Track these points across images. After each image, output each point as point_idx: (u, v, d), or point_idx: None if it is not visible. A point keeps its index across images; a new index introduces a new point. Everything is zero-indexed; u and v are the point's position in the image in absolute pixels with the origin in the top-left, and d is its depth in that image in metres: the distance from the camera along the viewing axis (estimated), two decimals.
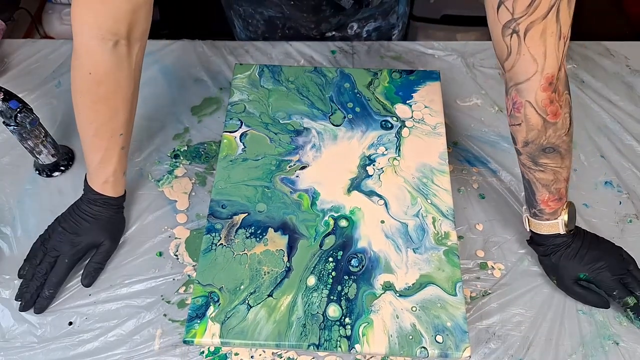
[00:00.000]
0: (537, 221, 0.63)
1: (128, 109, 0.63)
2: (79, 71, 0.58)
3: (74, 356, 0.60)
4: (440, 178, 0.67)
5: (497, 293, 0.65)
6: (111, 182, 0.65)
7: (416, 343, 0.55)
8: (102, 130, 0.61)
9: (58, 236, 0.64)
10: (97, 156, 0.63)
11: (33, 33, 1.64)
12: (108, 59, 0.58)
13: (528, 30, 0.50)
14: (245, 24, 0.91)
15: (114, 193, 0.66)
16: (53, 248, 0.64)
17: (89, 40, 0.56)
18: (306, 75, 0.76)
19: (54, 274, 0.63)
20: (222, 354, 0.60)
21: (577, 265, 0.62)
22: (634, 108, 0.83)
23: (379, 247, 0.61)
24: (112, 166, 0.64)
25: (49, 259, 0.63)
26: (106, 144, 0.62)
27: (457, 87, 0.85)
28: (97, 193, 0.65)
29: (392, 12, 0.91)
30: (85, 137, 0.63)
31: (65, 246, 0.64)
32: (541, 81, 0.53)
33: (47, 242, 0.65)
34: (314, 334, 0.56)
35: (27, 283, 0.63)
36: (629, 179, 0.75)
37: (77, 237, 0.64)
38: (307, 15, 0.85)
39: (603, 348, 0.61)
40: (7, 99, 0.64)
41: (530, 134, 0.57)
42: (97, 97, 0.59)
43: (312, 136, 0.70)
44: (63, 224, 0.65)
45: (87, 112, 0.61)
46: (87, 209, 0.65)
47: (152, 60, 0.86)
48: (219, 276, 0.59)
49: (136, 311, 0.63)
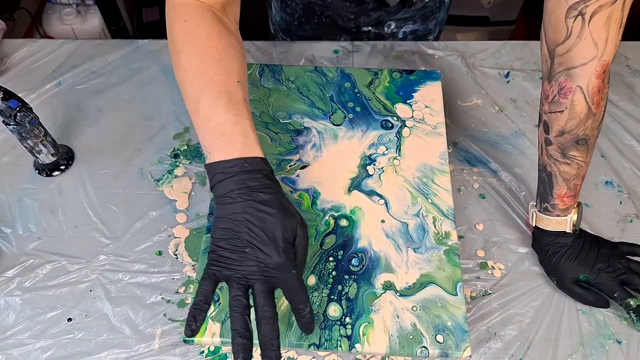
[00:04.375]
0: (547, 216, 0.63)
1: (233, 55, 0.52)
2: (176, 23, 0.53)
3: (73, 354, 0.60)
4: (441, 178, 0.67)
5: (498, 293, 0.65)
6: (252, 138, 0.50)
7: (417, 343, 0.55)
8: (217, 77, 0.50)
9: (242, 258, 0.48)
10: (221, 112, 0.49)
11: (33, 33, 1.64)
12: (201, 11, 0.53)
13: (595, 14, 0.50)
14: (283, 5, 0.90)
15: (261, 152, 0.50)
16: (245, 277, 0.48)
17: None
18: (307, 74, 0.76)
19: (264, 310, 0.47)
20: (222, 354, 0.60)
21: (577, 267, 0.62)
22: (634, 108, 0.83)
23: (380, 247, 0.61)
24: (246, 120, 0.50)
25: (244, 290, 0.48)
26: (225, 90, 0.50)
27: (457, 87, 0.85)
28: (250, 159, 0.48)
29: (432, 17, 0.91)
30: (201, 94, 0.50)
31: (254, 268, 0.48)
32: (597, 67, 0.53)
33: (228, 272, 0.48)
34: (315, 333, 0.56)
35: (244, 335, 0.47)
36: (630, 178, 0.75)
37: (268, 246, 0.47)
38: (350, 4, 0.84)
39: (603, 347, 0.61)
40: (7, 98, 0.64)
41: (570, 122, 0.57)
42: (198, 40, 0.52)
43: (313, 136, 0.70)
44: (233, 247, 0.48)
45: (193, 61, 0.51)
46: (256, 197, 0.48)
47: (152, 60, 0.86)
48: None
49: (136, 310, 0.63)
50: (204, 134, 0.50)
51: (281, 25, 0.94)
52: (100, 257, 0.67)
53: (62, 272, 0.66)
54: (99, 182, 0.73)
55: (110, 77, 0.84)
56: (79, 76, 0.84)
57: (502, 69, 0.87)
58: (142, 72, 0.85)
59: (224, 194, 0.48)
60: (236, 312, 0.46)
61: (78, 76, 0.84)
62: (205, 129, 0.49)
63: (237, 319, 0.46)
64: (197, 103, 0.50)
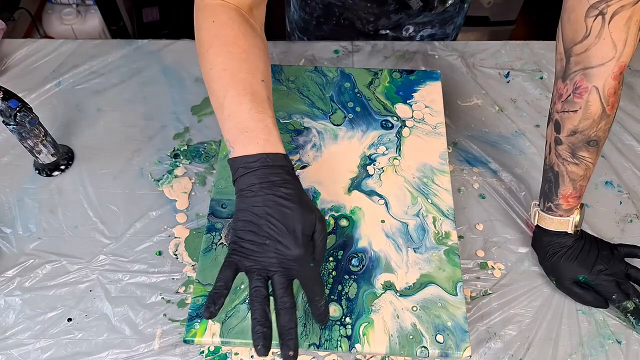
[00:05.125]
0: (549, 216, 0.63)
1: (258, 55, 0.54)
2: (204, 23, 0.54)
3: (73, 354, 0.60)
4: (441, 178, 0.67)
5: (498, 293, 0.65)
6: (274, 135, 0.51)
7: (417, 343, 0.55)
8: (242, 75, 0.52)
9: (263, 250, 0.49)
10: (245, 108, 0.50)
11: (33, 33, 1.64)
12: (228, 12, 0.54)
13: (615, 14, 0.50)
14: (303, 4, 0.90)
15: (283, 149, 0.51)
16: (265, 268, 0.49)
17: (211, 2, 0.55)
18: (306, 74, 0.76)
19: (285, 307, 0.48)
20: (222, 354, 0.60)
21: (576, 267, 0.62)
22: (634, 108, 0.83)
23: (380, 247, 0.61)
24: (269, 118, 0.51)
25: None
26: (250, 89, 0.51)
27: (457, 87, 0.85)
28: (272, 154, 0.49)
29: (450, 22, 0.91)
30: (226, 91, 0.51)
31: (273, 260, 0.48)
32: (614, 68, 0.53)
33: (248, 263, 0.49)
34: (315, 333, 0.56)
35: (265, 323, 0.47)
36: (629, 179, 0.75)
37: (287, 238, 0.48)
38: (371, 5, 0.84)
39: (603, 347, 0.61)
40: (7, 98, 0.64)
41: (584, 122, 0.56)
42: (225, 39, 0.53)
43: (313, 136, 0.70)
44: (254, 234, 0.49)
45: (219, 60, 0.52)
46: (277, 191, 0.48)
47: (152, 60, 0.86)
48: None
49: (136, 310, 0.63)
50: (228, 129, 0.51)
51: (299, 24, 0.94)
52: (100, 257, 0.67)
53: (62, 272, 0.66)
54: (99, 182, 0.73)
55: (110, 77, 0.84)
56: (79, 76, 0.84)
57: (502, 69, 0.87)
58: (142, 72, 0.85)
59: (245, 187, 0.49)
60: (256, 302, 0.47)
61: (78, 76, 0.84)
62: (229, 125, 0.51)
63: (257, 308, 0.47)
64: (222, 100, 0.51)
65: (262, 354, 0.46)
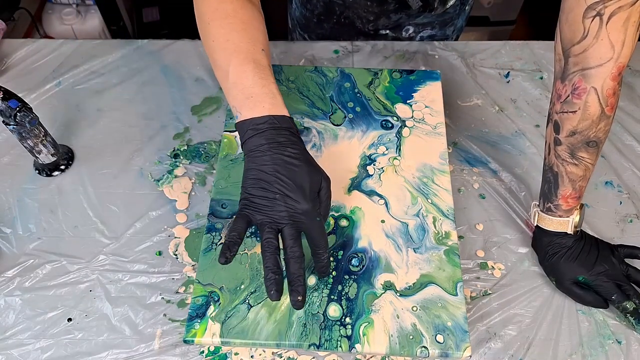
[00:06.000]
0: (549, 217, 0.63)
1: (257, 27, 0.57)
2: (204, 0, 0.56)
3: (73, 354, 0.60)
4: (441, 178, 0.67)
5: (498, 293, 0.65)
6: (279, 99, 0.54)
7: (417, 343, 0.55)
8: (244, 45, 0.54)
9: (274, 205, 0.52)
10: (249, 75, 0.53)
11: (33, 33, 1.64)
12: None
13: (613, 15, 0.50)
14: (304, 1, 0.90)
15: (287, 112, 0.54)
16: (276, 221, 0.52)
17: None
18: (306, 74, 0.76)
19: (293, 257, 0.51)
20: (222, 354, 0.60)
21: (576, 268, 0.63)
22: (634, 108, 0.83)
23: (380, 247, 0.61)
24: (272, 84, 0.54)
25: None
26: (252, 57, 0.54)
27: (457, 87, 0.85)
28: (278, 117, 0.52)
29: (451, 23, 0.91)
30: (230, 60, 0.54)
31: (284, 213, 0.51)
32: (613, 69, 0.53)
33: (260, 216, 0.52)
34: (315, 333, 0.56)
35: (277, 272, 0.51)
36: (629, 179, 0.75)
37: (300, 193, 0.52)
38: (371, 4, 0.84)
39: (603, 347, 0.61)
40: (7, 98, 0.64)
41: (583, 123, 0.56)
42: (225, 12, 0.55)
43: (313, 136, 0.70)
44: (269, 191, 0.51)
45: (221, 32, 0.55)
46: (284, 151, 0.52)
47: (152, 60, 0.86)
48: (219, 276, 0.59)
49: (136, 310, 0.63)
50: (234, 96, 0.54)
51: (300, 21, 0.94)
52: (100, 257, 0.67)
53: (62, 272, 0.66)
54: (99, 182, 0.73)
55: (110, 77, 0.84)
56: (79, 76, 0.84)
57: (502, 69, 0.87)
58: (142, 72, 0.85)
59: (254, 148, 0.52)
60: (268, 252, 0.51)
61: (78, 76, 0.84)
62: (234, 92, 0.54)
63: (270, 258, 0.50)
64: (226, 69, 0.54)
65: (275, 298, 0.50)
